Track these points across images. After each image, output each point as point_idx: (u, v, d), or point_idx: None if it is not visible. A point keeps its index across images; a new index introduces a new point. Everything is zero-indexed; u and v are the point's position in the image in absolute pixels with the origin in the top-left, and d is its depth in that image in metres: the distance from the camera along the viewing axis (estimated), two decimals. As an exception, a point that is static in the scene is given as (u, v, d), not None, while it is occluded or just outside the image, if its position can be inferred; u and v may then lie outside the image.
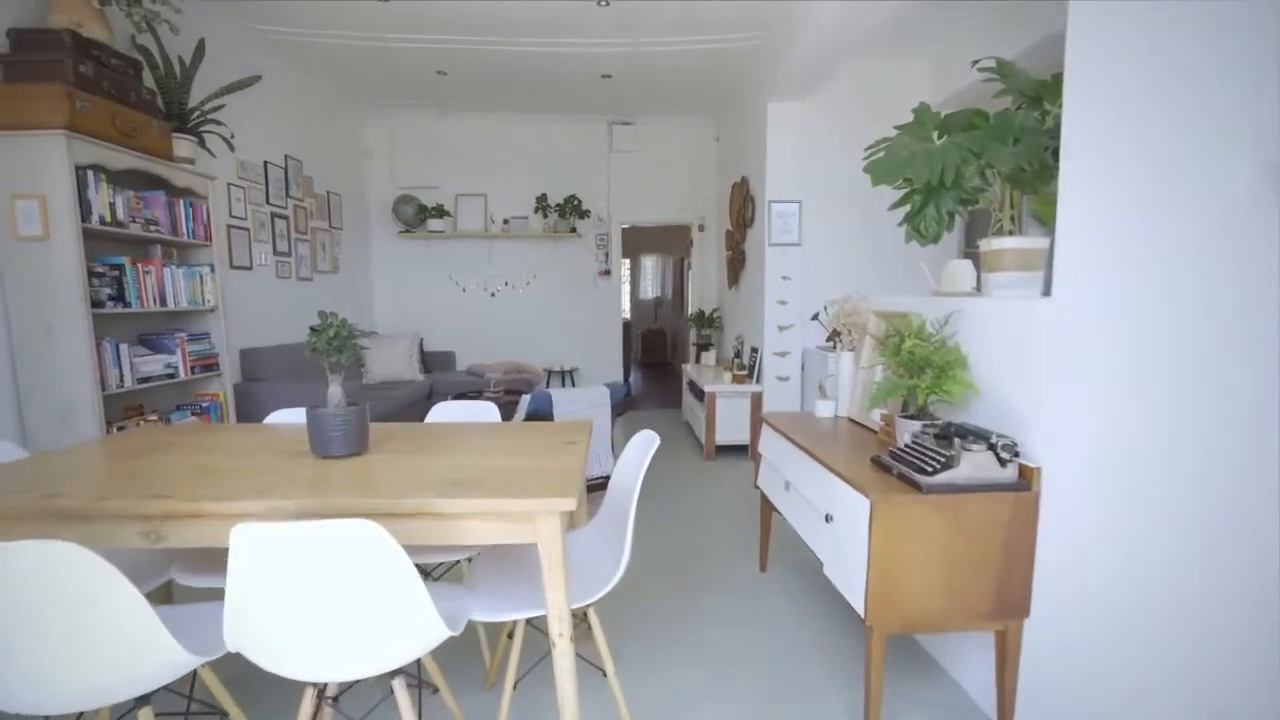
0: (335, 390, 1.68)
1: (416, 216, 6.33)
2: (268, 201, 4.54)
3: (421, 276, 6.64)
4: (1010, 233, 1.86)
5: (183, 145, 3.24)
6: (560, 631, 1.40)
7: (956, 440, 1.69)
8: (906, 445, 1.82)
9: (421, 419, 5.55)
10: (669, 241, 11.16)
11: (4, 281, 2.61)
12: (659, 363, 11.55)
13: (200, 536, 1.37)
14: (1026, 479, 1.63)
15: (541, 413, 3.08)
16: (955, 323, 1.94)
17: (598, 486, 3.37)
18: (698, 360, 6.28)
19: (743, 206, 5.11)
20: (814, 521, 2.02)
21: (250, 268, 4.33)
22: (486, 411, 2.33)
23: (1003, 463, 1.60)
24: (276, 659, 1.23)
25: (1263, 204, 1.11)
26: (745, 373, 4.77)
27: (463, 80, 5.27)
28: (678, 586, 2.71)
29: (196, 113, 3.33)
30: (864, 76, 4.38)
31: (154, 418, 3.05)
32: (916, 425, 1.87)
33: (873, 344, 2.35)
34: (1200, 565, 1.24)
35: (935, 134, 1.78)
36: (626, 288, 12.68)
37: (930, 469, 1.62)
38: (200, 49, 3.34)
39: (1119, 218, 1.40)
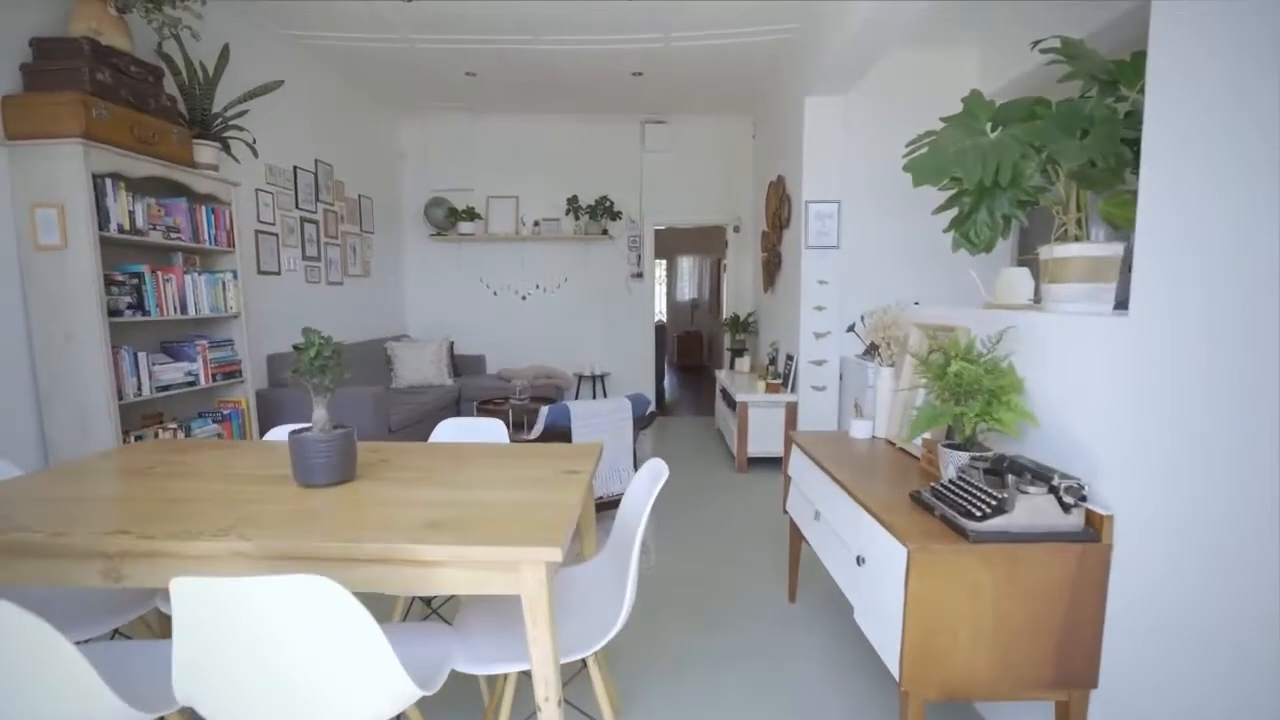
0: (320, 414, 1.57)
1: (447, 219, 6.31)
2: (297, 206, 4.55)
3: (452, 279, 6.62)
4: (1076, 238, 1.62)
5: (205, 151, 3.23)
6: (546, 695, 1.24)
7: (1010, 478, 1.47)
8: (951, 481, 1.60)
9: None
10: (707, 241, 10.92)
11: (26, 290, 2.62)
12: (695, 366, 11.32)
13: (160, 577, 1.26)
14: (1095, 528, 1.39)
15: (559, 426, 2.94)
16: (1010, 341, 1.70)
17: (615, 504, 3.21)
18: (731, 366, 6.06)
19: (779, 207, 4.88)
20: (844, 560, 1.81)
21: (278, 273, 4.33)
22: (492, 430, 2.19)
23: (1066, 508, 1.36)
24: (231, 715, 1.12)
25: None
26: (779, 382, 4.54)
27: (492, 81, 5.20)
28: (698, 614, 2.53)
29: (219, 119, 3.31)
30: (908, 67, 4.09)
31: (174, 426, 3.04)
32: (963, 457, 1.65)
33: (913, 363, 2.12)
34: (1326, 656, 0.99)
35: (989, 126, 1.55)
36: (663, 289, 12.52)
37: (979, 512, 1.40)
38: (224, 55, 3.33)
39: (1212, 222, 1.15)
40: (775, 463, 4.57)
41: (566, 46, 4.37)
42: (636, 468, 3.26)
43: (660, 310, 12.55)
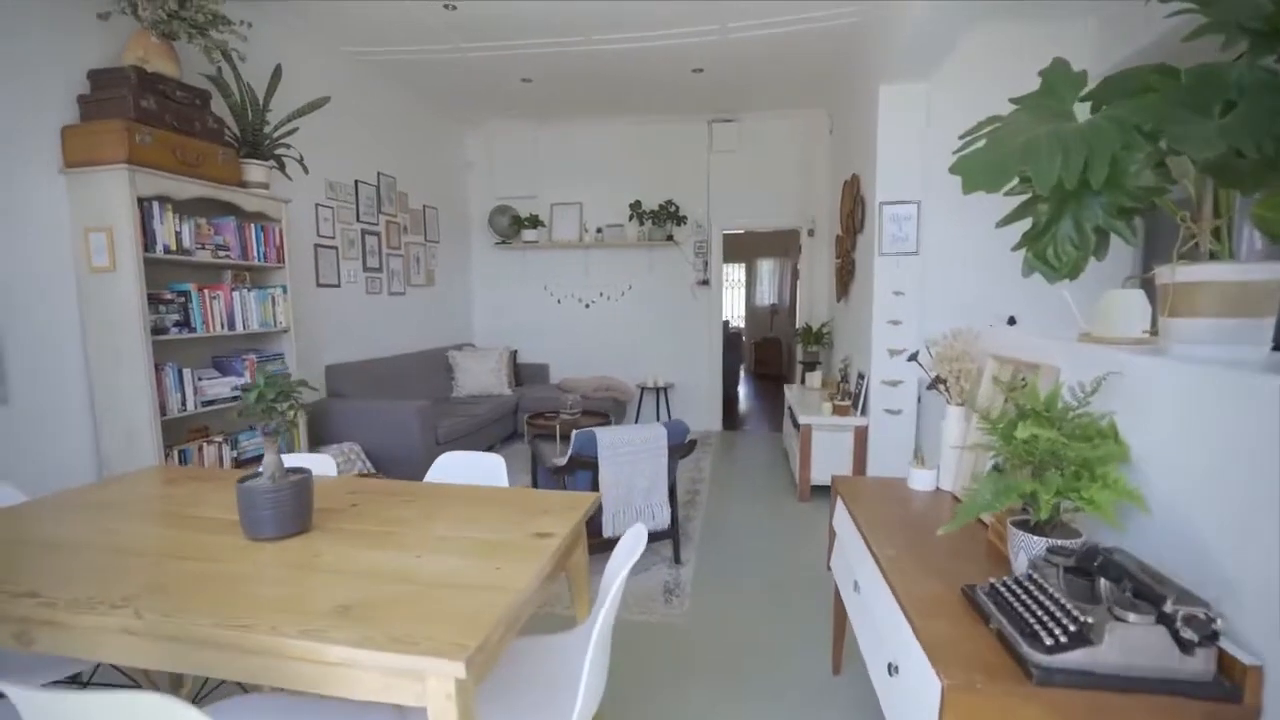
0: (270, 459, 1.43)
1: (511, 227, 6.29)
2: (358, 219, 4.63)
3: (517, 287, 6.60)
4: (1213, 254, 1.18)
5: (255, 170, 3.29)
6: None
7: (1103, 584, 1.07)
8: (1019, 579, 1.21)
9: (507, 435, 5.49)
10: (787, 244, 10.38)
11: (83, 311, 2.74)
12: (774, 375, 10.78)
13: (65, 645, 1.15)
14: (1233, 681, 0.97)
15: (584, 455, 2.71)
16: (1112, 391, 1.28)
17: (648, 539, 2.94)
18: (803, 381, 5.61)
19: (853, 209, 4.41)
20: (878, 658, 1.45)
21: (338, 285, 4.42)
22: (489, 469, 2.00)
23: (1186, 646, 0.96)
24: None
25: None
26: (848, 403, 4.09)
27: (549, 86, 5.08)
28: (729, 675, 2.22)
29: (268, 138, 3.37)
30: (1005, 43, 3.52)
31: (219, 439, 3.11)
32: (1039, 544, 1.25)
33: (986, 406, 1.70)
34: None
35: (1078, 106, 1.15)
36: (741, 293, 12.07)
37: (1050, 637, 1.02)
38: (276, 74, 3.38)
39: None
40: (843, 492, 4.12)
41: (618, 46, 4.15)
42: (675, 502, 2.98)
43: (738, 315, 12.12)
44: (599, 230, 6.32)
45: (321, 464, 2.03)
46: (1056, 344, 1.57)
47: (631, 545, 1.40)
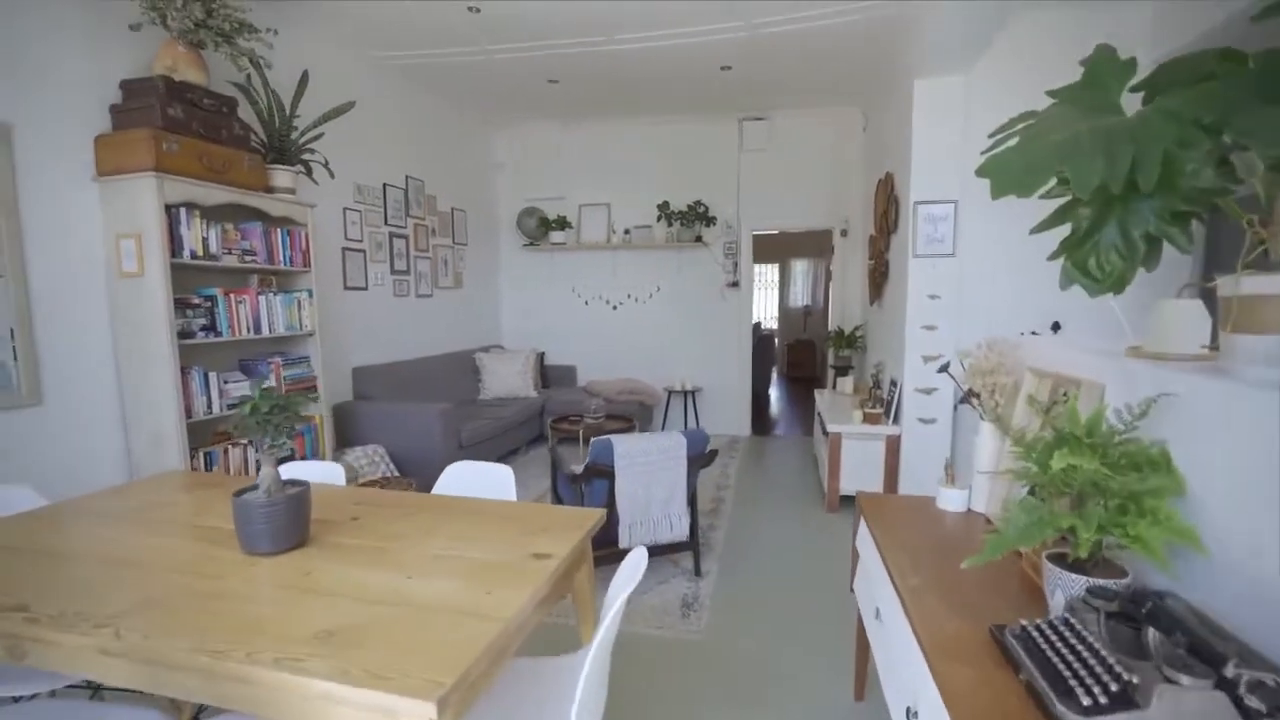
0: (267, 472, 1.40)
1: (539, 229, 6.28)
2: (385, 222, 4.67)
3: (545, 289, 6.59)
4: (1284, 263, 1.04)
5: (282, 176, 3.33)
6: None
7: (1151, 638, 0.95)
8: (1054, 623, 1.09)
9: (533, 438, 5.47)
10: (821, 244, 10.14)
11: (113, 316, 2.80)
12: (807, 378, 10.55)
13: (53, 660, 1.14)
14: (1306, 758, 0.84)
15: (601, 464, 2.65)
16: (1165, 414, 1.15)
17: (665, 550, 2.86)
18: (834, 386, 5.44)
19: (886, 208, 4.24)
20: (898, 695, 1.34)
21: (365, 288, 4.47)
22: (497, 481, 1.95)
23: (1251, 718, 0.84)
24: None
25: None
26: (879, 411, 3.93)
27: (577, 87, 5.04)
28: (745, 696, 2.12)
29: (295, 144, 3.40)
30: (1050, 30, 3.31)
31: (245, 442, 3.15)
32: (1078, 583, 1.13)
33: (1020, 427, 1.58)
34: None
35: (1127, 99, 1.03)
36: (774, 294, 11.86)
37: (1089, 696, 0.91)
38: (304, 81, 3.42)
39: None
40: (874, 504, 3.96)
41: (644, 45, 4.08)
42: (695, 512, 2.89)
43: (771, 317, 11.91)
44: (627, 231, 6.26)
45: (330, 472, 2.02)
46: (1101, 358, 1.43)
47: (632, 569, 1.32)
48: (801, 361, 10.87)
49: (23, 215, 2.50)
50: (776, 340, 11.38)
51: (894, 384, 3.95)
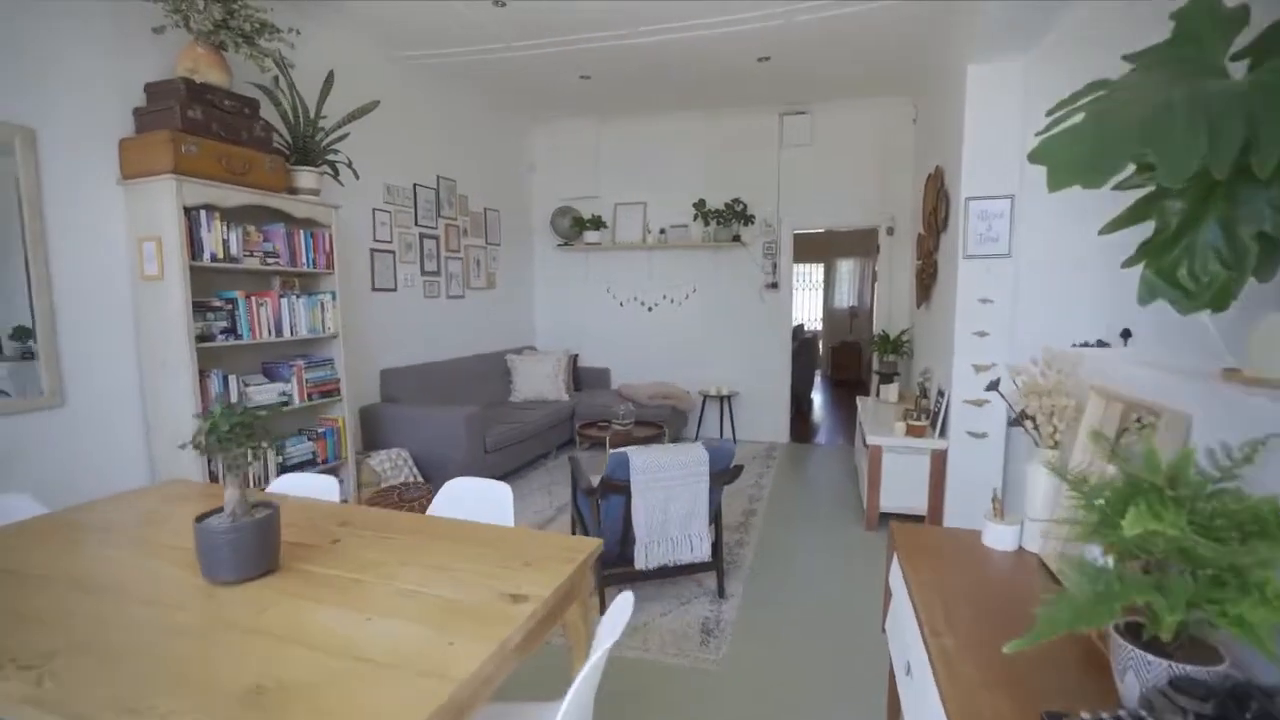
0: (231, 495, 1.31)
1: (573, 229, 6.18)
2: (416, 223, 4.65)
3: (579, 290, 6.49)
4: None
5: (306, 177, 3.31)
6: None
7: (1259, 755, 0.73)
8: (1125, 718, 0.87)
9: (563, 442, 5.36)
10: (868, 242, 9.73)
11: (137, 319, 2.82)
12: (852, 381, 10.15)
13: (-13, 701, 1.06)
14: None
15: (616, 479, 2.50)
16: (1277, 458, 0.91)
17: (682, 571, 2.69)
18: (877, 394, 5.14)
19: (935, 205, 3.94)
20: (933, 783, 1.14)
21: (394, 289, 4.44)
22: (494, 501, 1.82)
23: None
24: None
25: None
26: (924, 423, 3.65)
27: (609, 82, 4.90)
28: (759, 753, 1.94)
29: (319, 145, 3.38)
30: (1126, 7, 2.97)
31: (266, 444, 3.13)
32: (1157, 669, 0.91)
33: (1081, 468, 1.35)
34: None
35: (1228, 64, 0.81)
36: (818, 294, 11.48)
37: (1175, 835, 0.70)
38: (329, 81, 3.39)
39: None
40: (915, 521, 3.68)
41: (675, 36, 3.91)
42: (719, 530, 2.71)
43: (815, 318, 11.53)
44: (662, 231, 6.10)
45: (324, 487, 1.93)
46: (1188, 381, 1.19)
47: (618, 615, 1.16)
48: (847, 364, 10.47)
49: (48, 218, 2.52)
50: (820, 342, 11.01)
51: (941, 394, 3.66)
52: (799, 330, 9.57)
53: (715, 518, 2.75)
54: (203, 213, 2.78)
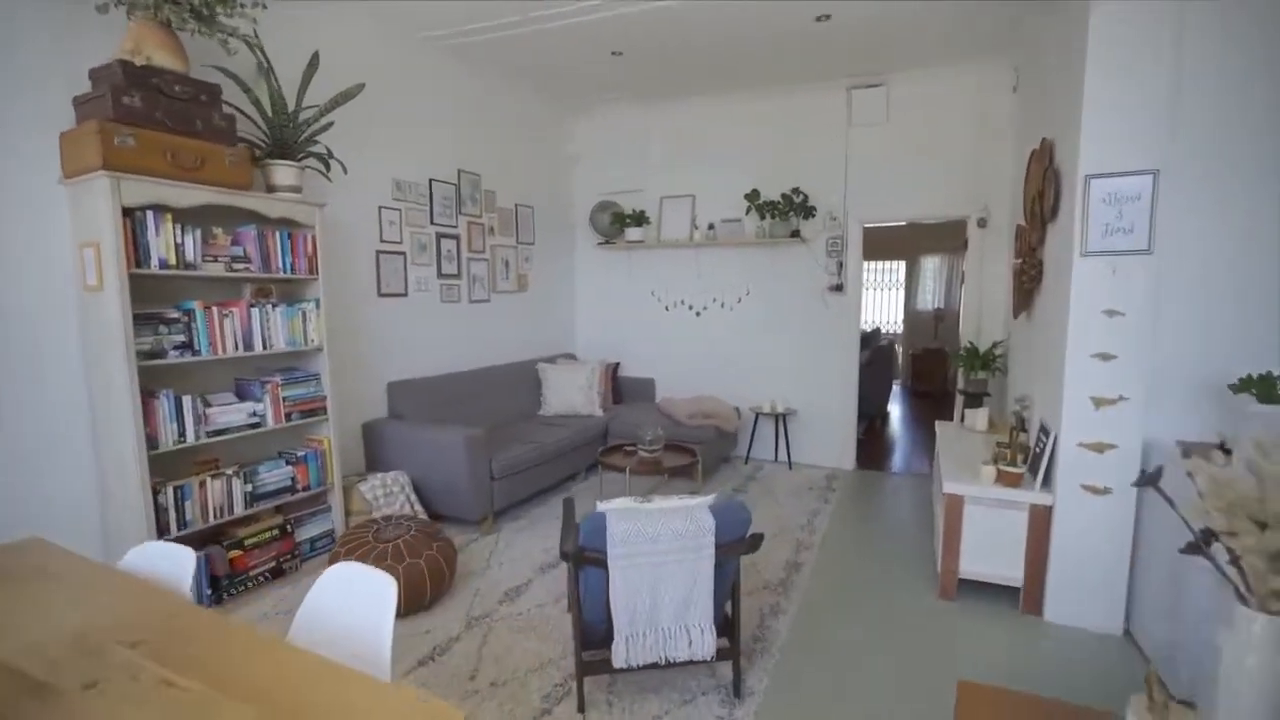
0: None
1: (613, 226, 5.65)
2: (431, 221, 4.26)
3: (621, 293, 5.95)
4: None
5: (283, 173, 2.95)
6: None
7: None
8: None
9: (591, 465, 4.74)
10: (958, 236, 8.61)
11: (82, 334, 2.54)
12: (937, 393, 9.05)
13: None
14: None
15: (594, 549, 1.94)
16: None
17: (675, 665, 2.08)
18: (962, 420, 4.28)
19: (1041, 188, 3.10)
20: None
21: (404, 294, 4.08)
22: (371, 603, 1.30)
23: None
24: None
25: None
26: (1020, 470, 2.84)
27: (645, 57, 4.33)
28: None
29: (303, 137, 3.01)
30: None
31: (230, 472, 2.81)
32: None
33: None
34: None
35: None
36: (899, 295, 10.40)
37: None
38: (313, 63, 3.02)
39: None
40: (1006, 593, 2.88)
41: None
42: (734, 607, 2.10)
43: (894, 321, 10.45)
44: (711, 226, 5.44)
45: (170, 564, 1.47)
46: None
47: None
48: (930, 373, 9.36)
49: (-21, 223, 2.26)
50: (900, 349, 9.94)
51: (1045, 432, 2.83)
52: (872, 337, 8.59)
53: (731, 594, 2.13)
54: (150, 214, 2.46)
